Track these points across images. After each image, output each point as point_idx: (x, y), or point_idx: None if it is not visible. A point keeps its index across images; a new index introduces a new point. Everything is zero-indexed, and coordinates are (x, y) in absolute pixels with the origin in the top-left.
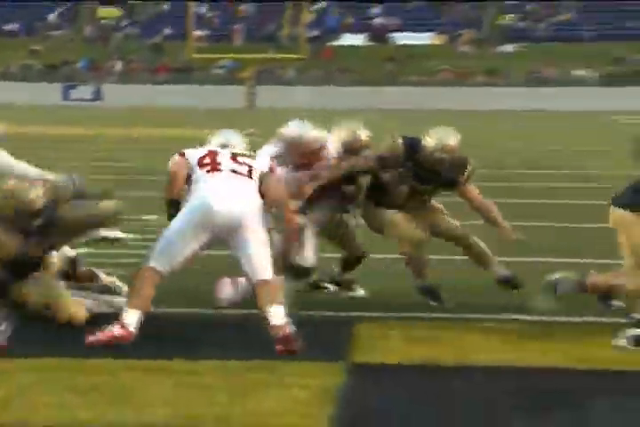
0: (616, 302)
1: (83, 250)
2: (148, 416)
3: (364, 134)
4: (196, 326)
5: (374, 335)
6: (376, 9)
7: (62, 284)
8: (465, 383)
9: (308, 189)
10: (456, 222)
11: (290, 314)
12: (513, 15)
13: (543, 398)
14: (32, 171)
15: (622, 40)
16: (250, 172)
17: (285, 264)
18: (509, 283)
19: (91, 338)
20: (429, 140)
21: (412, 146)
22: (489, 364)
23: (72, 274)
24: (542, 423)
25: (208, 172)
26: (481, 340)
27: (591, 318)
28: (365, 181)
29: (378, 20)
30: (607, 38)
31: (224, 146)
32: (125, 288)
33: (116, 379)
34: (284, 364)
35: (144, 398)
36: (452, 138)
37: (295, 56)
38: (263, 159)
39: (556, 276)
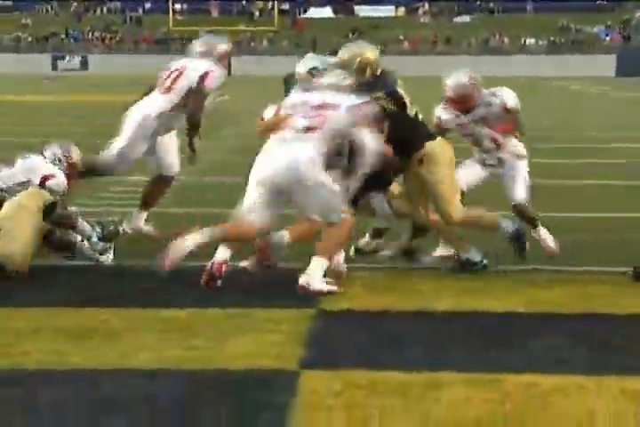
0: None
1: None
2: (131, 360)
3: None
4: (180, 277)
5: (342, 283)
6: None
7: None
8: (421, 327)
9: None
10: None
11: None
12: None
13: (491, 338)
14: None
15: (567, 10)
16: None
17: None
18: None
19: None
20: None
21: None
22: (445, 309)
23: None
24: (484, 360)
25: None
26: (437, 287)
27: (547, 267)
28: None
29: None
30: (552, 9)
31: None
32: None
33: (106, 326)
34: (259, 311)
35: (130, 344)
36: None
37: (268, 28)
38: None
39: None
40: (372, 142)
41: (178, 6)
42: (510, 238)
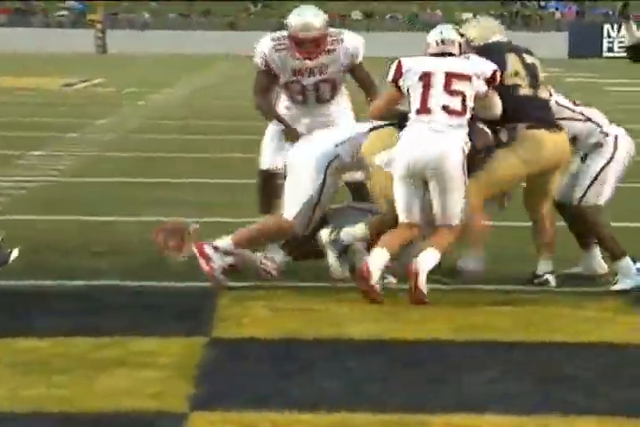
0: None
1: None
2: None
3: None
4: (40, 300)
5: (238, 307)
6: None
7: None
8: (333, 358)
9: None
10: None
11: (145, 285)
12: None
13: (416, 371)
14: None
15: None
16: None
17: None
18: None
19: None
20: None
21: None
22: (361, 337)
23: None
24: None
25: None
26: (354, 309)
27: (478, 286)
28: None
29: None
30: None
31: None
32: None
33: None
34: (137, 340)
35: None
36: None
37: None
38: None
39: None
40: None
41: None
42: None
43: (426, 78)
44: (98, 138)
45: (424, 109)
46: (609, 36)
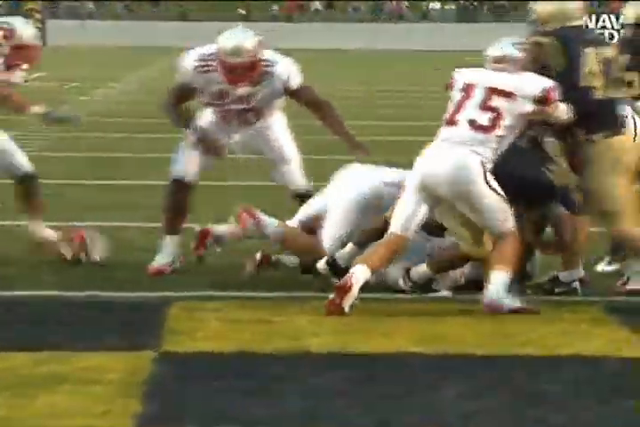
0: None
1: None
2: None
3: None
4: None
5: (190, 319)
6: None
7: None
8: (291, 373)
9: None
10: None
11: (88, 296)
12: None
13: (381, 386)
14: None
15: None
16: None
17: None
18: None
19: None
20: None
21: None
22: (321, 350)
23: None
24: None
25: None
26: (313, 321)
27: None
28: None
29: None
30: None
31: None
32: None
33: None
34: (80, 355)
35: None
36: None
37: None
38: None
39: None
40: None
41: None
42: None
43: (467, 90)
44: (38, 137)
45: (451, 121)
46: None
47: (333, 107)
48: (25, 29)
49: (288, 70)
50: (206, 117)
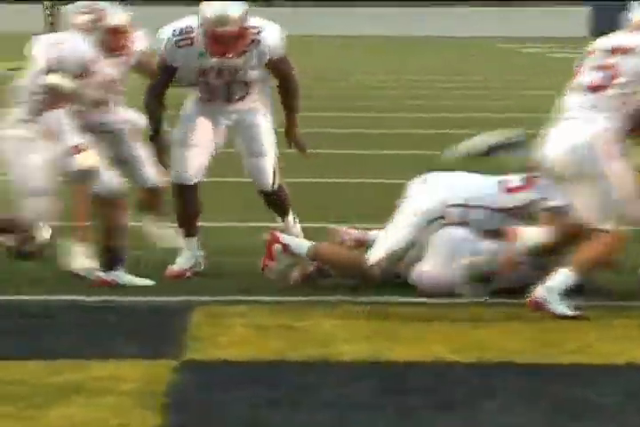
0: None
1: None
2: None
3: None
4: None
5: (214, 325)
6: None
7: None
8: (321, 382)
9: None
10: None
11: (106, 300)
12: None
13: (417, 397)
14: None
15: None
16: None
17: None
18: None
19: None
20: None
21: None
22: (352, 358)
23: None
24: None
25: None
26: (343, 327)
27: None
28: None
29: None
30: None
31: None
32: None
33: None
34: (97, 364)
35: None
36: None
37: None
38: None
39: None
40: None
41: None
42: None
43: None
44: None
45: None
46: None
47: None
48: (117, 13)
49: (275, 38)
50: (189, 106)
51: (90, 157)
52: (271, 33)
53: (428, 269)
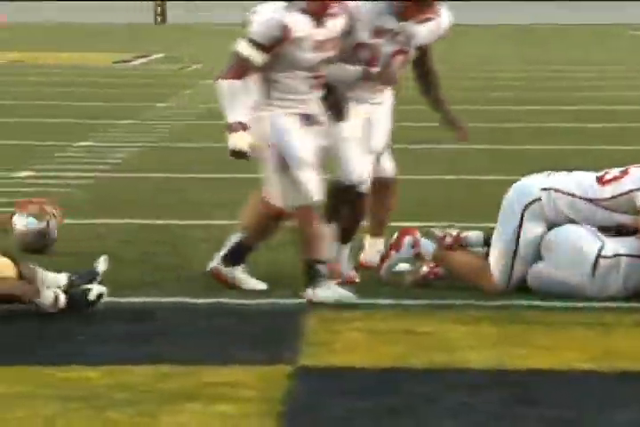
0: None
1: None
2: None
3: None
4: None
5: (329, 329)
6: None
7: None
8: (442, 391)
9: None
10: None
11: (214, 303)
12: None
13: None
14: None
15: None
16: None
17: None
18: None
19: None
20: None
21: None
22: (479, 365)
23: None
24: None
25: None
26: (469, 332)
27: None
28: None
29: None
30: None
31: None
32: None
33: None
34: (209, 369)
35: (21, 416)
36: None
37: None
38: None
39: None
40: None
41: None
42: None
43: None
44: (158, 125)
45: None
46: None
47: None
48: None
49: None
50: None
51: (242, 139)
52: None
53: (549, 269)
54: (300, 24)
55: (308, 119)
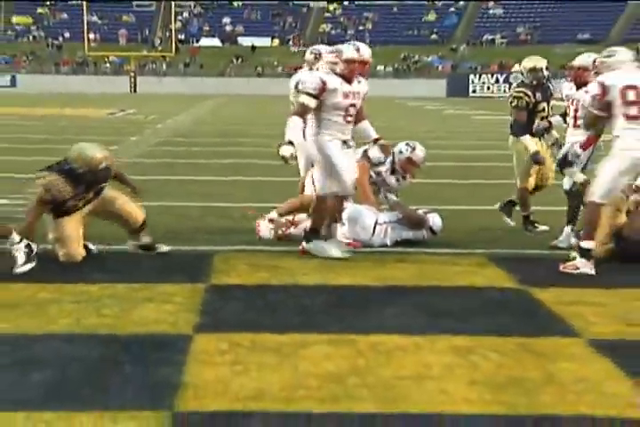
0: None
1: None
2: (53, 326)
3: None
4: (94, 260)
5: (228, 263)
6: (226, 18)
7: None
8: (292, 298)
9: None
10: None
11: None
12: (328, 24)
13: (349, 307)
14: None
15: (408, 44)
16: None
17: None
18: None
19: None
20: None
21: None
22: (310, 283)
23: None
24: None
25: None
26: (305, 264)
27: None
28: None
29: (228, 28)
30: (396, 42)
31: None
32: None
33: (33, 298)
34: (159, 286)
35: (52, 313)
36: None
37: (165, 54)
38: None
39: None
40: None
41: (92, 36)
42: None
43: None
44: (130, 149)
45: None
46: (473, 82)
47: None
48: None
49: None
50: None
51: (287, 150)
52: None
53: (351, 234)
54: (333, 81)
55: (344, 143)
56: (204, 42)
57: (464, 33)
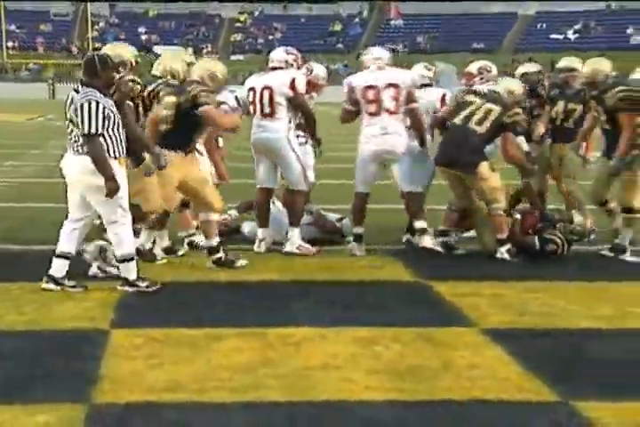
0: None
1: None
2: None
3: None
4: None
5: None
6: (142, 28)
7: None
8: (205, 294)
9: None
10: None
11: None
12: (239, 34)
13: (259, 301)
14: None
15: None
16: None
17: None
18: None
19: None
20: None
21: None
22: (227, 279)
23: None
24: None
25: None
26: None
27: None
28: None
29: (143, 37)
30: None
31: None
32: None
33: None
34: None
35: None
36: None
37: (82, 61)
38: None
39: None
40: None
41: (10, 44)
42: None
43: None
44: (51, 152)
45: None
46: None
47: None
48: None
49: None
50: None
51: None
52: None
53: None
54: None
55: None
56: None
57: (368, 42)
